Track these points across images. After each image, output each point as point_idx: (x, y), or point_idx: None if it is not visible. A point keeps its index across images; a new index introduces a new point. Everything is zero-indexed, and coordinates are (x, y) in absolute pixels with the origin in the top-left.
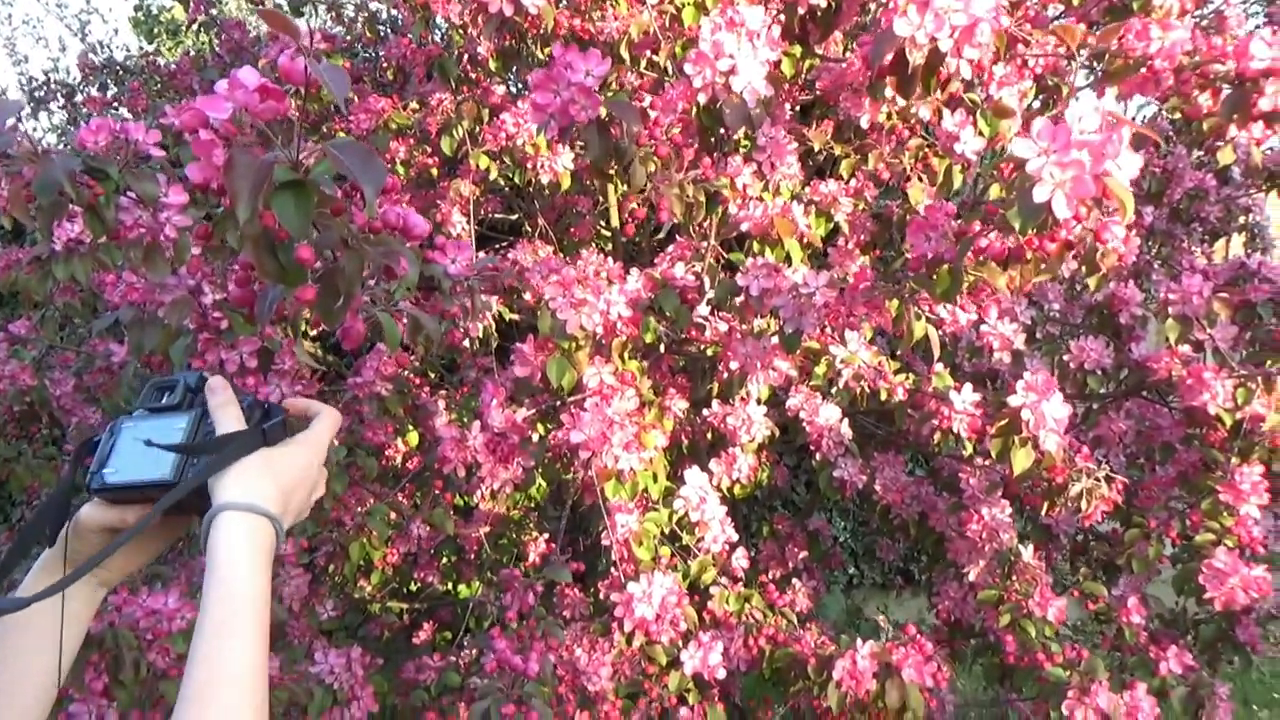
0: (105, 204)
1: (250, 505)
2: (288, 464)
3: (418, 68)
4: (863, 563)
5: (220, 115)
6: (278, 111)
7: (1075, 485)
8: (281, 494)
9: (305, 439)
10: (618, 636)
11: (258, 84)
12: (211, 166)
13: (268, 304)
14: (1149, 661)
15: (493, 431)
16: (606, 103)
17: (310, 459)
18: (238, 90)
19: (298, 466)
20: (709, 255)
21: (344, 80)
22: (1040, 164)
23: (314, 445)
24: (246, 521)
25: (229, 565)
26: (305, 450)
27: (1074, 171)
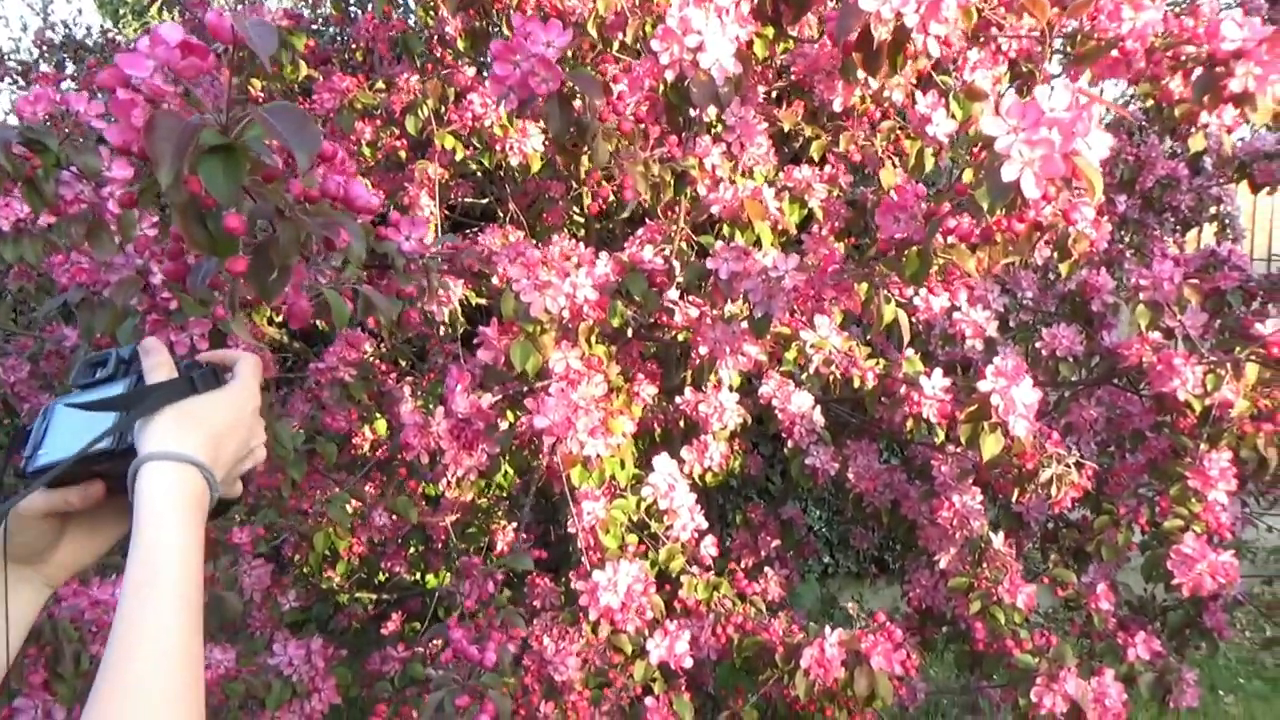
0: (44, 177)
1: (176, 454)
2: (213, 410)
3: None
4: (838, 551)
5: (140, 74)
6: (200, 69)
7: (1045, 471)
8: (211, 441)
9: (231, 385)
10: (585, 626)
11: (180, 40)
12: (131, 128)
13: (201, 277)
14: (1117, 647)
15: (457, 418)
16: (568, 75)
17: (238, 403)
18: (159, 46)
19: (226, 411)
20: (679, 238)
21: (271, 37)
22: (1009, 142)
23: (242, 390)
24: (174, 471)
25: (153, 517)
26: (232, 394)
27: (1043, 150)
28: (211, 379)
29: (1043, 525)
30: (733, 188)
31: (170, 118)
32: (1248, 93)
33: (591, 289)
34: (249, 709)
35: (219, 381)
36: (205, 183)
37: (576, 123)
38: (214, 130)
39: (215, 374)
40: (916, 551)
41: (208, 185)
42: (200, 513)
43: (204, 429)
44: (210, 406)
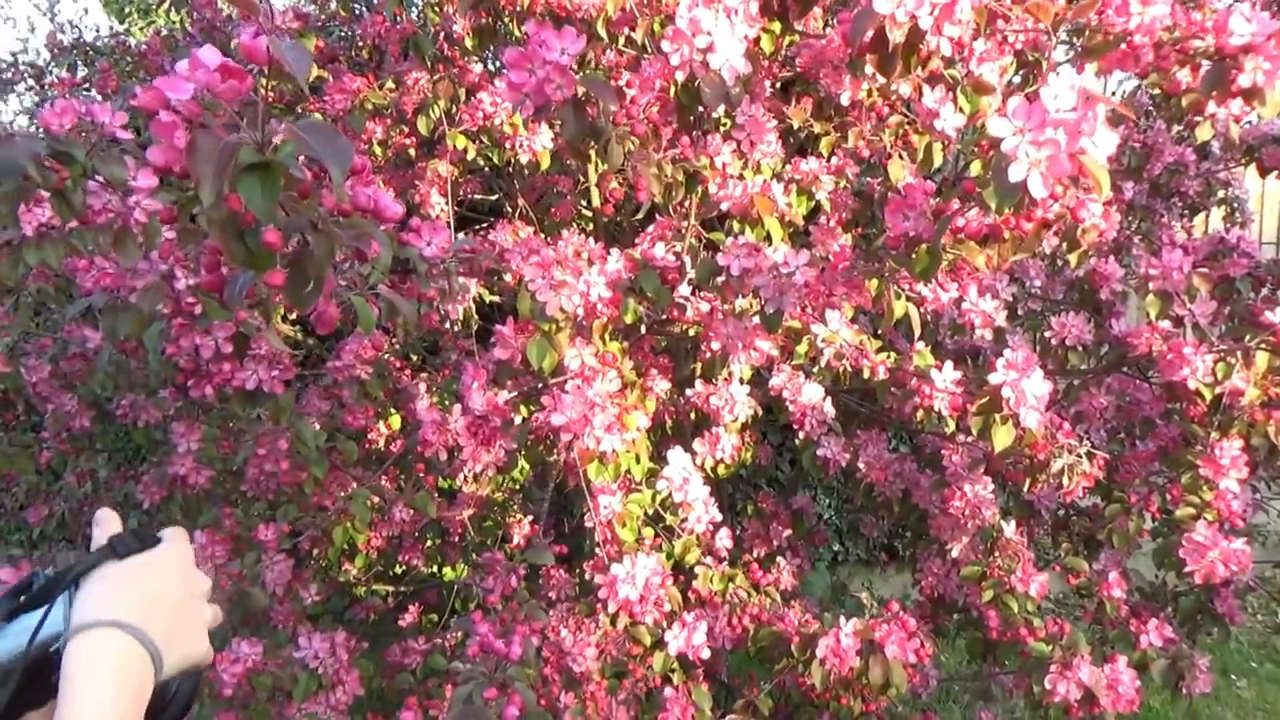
0: (72, 188)
1: (101, 620)
2: (140, 571)
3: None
4: (847, 539)
5: (181, 96)
6: (239, 91)
7: (1057, 461)
8: (141, 602)
9: (158, 546)
10: (602, 618)
11: (218, 63)
12: (174, 149)
13: (237, 289)
14: (1130, 634)
15: (474, 414)
16: (582, 81)
17: (167, 561)
18: (198, 70)
19: (155, 571)
20: (689, 235)
21: (306, 59)
22: (1016, 143)
23: (169, 548)
24: (101, 638)
25: (75, 690)
26: (159, 554)
27: (1049, 150)
28: (134, 542)
29: (1053, 513)
30: (742, 184)
31: (210, 138)
32: (1256, 87)
33: (605, 287)
34: (276, 701)
35: (144, 543)
36: (244, 200)
37: (591, 127)
38: (251, 148)
39: (139, 536)
40: (927, 540)
41: (246, 202)
42: (136, 680)
43: (131, 590)
44: (137, 568)
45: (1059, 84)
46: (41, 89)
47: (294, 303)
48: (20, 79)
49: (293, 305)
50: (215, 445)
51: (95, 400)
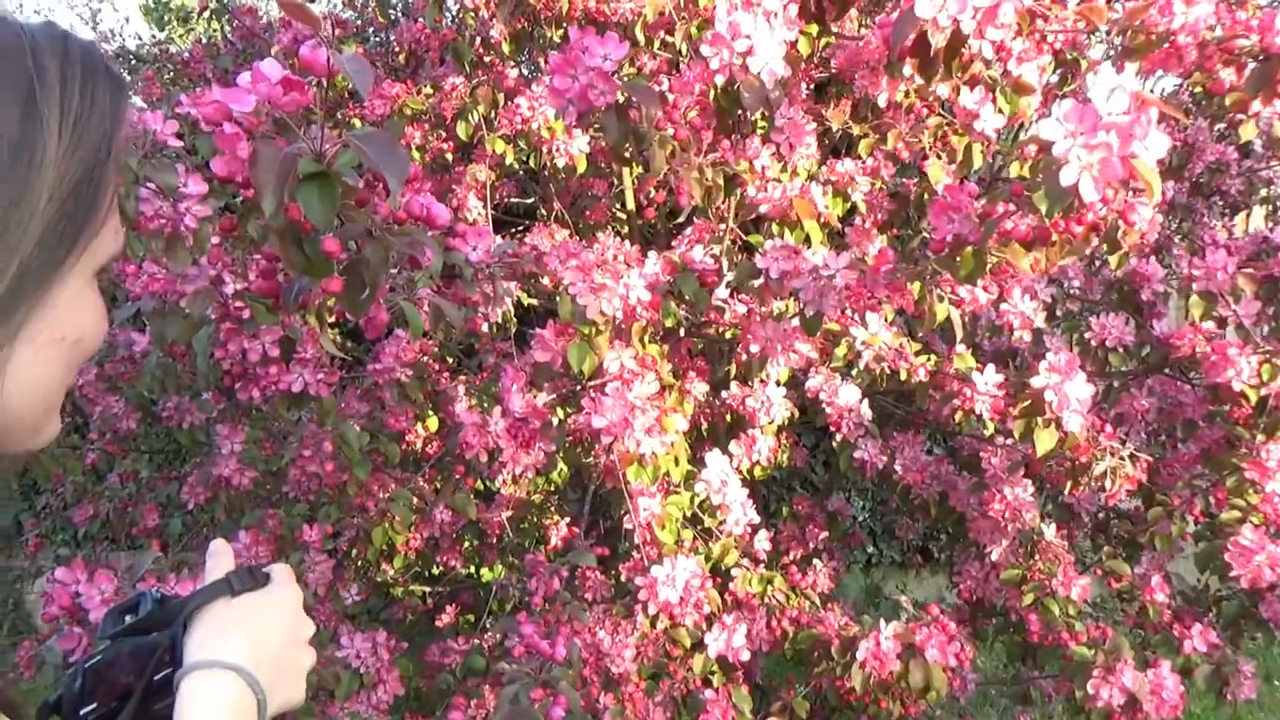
0: (125, 195)
1: (214, 661)
2: (253, 610)
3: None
4: (881, 541)
5: (244, 108)
6: (301, 104)
7: (1099, 464)
8: (251, 643)
9: (270, 585)
10: (641, 619)
11: (281, 76)
12: (237, 160)
13: (294, 295)
14: (1173, 639)
15: (514, 417)
16: (625, 87)
17: (278, 601)
18: (261, 83)
19: (267, 610)
20: (728, 238)
21: (367, 71)
22: (1067, 146)
23: (280, 588)
24: (212, 679)
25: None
26: (272, 593)
27: (1102, 153)
28: (249, 579)
29: (1093, 516)
30: (781, 186)
31: (271, 148)
32: None
33: (644, 290)
34: (319, 699)
35: (257, 581)
36: (303, 209)
37: (633, 132)
38: (310, 158)
39: (253, 574)
40: (965, 543)
41: (305, 211)
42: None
43: (243, 630)
44: (249, 607)
45: (1103, 82)
46: None
47: (349, 309)
48: None
49: (348, 311)
50: (257, 447)
51: (141, 402)
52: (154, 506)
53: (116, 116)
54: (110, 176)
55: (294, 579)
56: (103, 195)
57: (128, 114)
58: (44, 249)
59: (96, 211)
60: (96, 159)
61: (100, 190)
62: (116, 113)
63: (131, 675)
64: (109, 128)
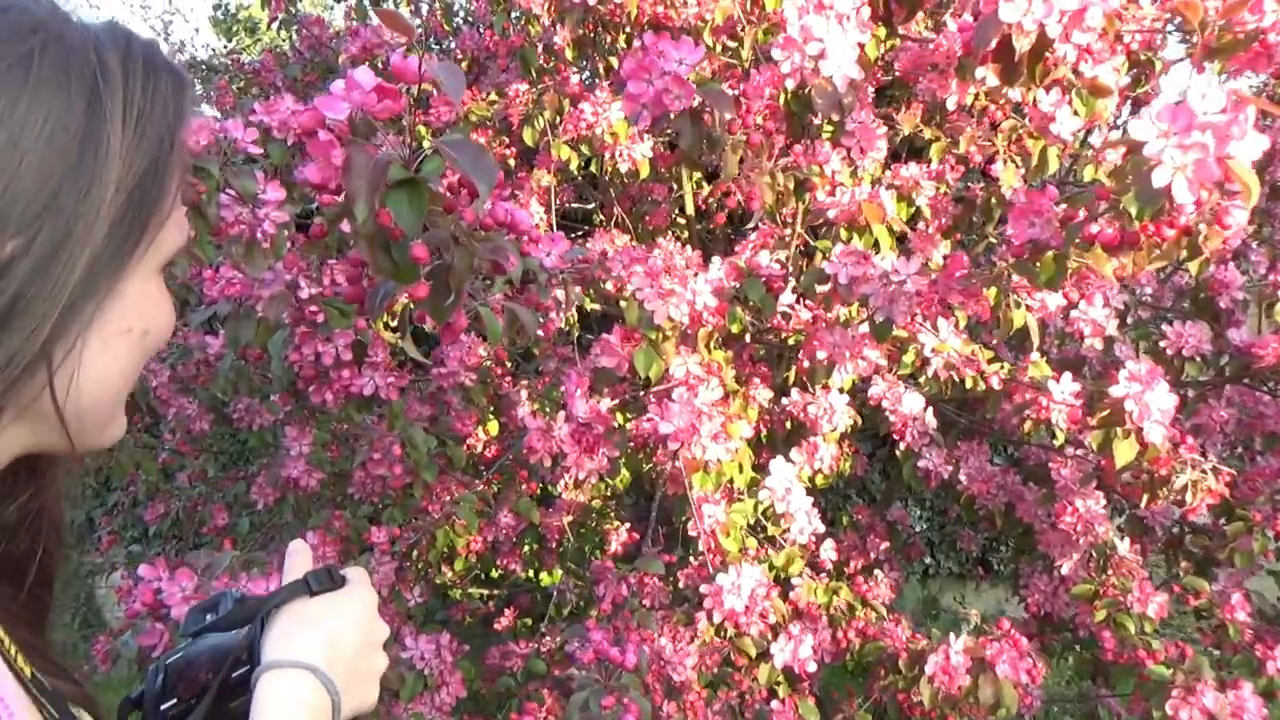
0: (208, 201)
1: (291, 660)
2: (330, 611)
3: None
4: (939, 552)
5: (338, 116)
6: (394, 111)
7: (1180, 477)
8: (328, 643)
9: (347, 586)
10: (702, 626)
11: (374, 84)
12: (330, 166)
13: (379, 300)
14: (1254, 660)
15: (578, 422)
16: (700, 90)
17: (355, 602)
18: (354, 91)
19: (344, 612)
20: (794, 243)
21: (459, 79)
22: (1160, 146)
23: (357, 589)
24: (289, 678)
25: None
26: (348, 594)
27: (1196, 154)
28: (327, 579)
29: (1167, 531)
30: (849, 191)
31: (363, 155)
32: None
33: (711, 295)
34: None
35: (334, 582)
36: (393, 215)
37: (707, 136)
38: (400, 165)
39: (331, 575)
40: (1032, 555)
41: (395, 217)
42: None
43: (320, 631)
44: (326, 608)
45: (1180, 82)
46: None
47: (434, 314)
48: None
49: (432, 317)
50: (324, 449)
51: (214, 404)
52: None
53: (179, 110)
54: (174, 169)
55: (369, 582)
56: (167, 187)
57: (190, 110)
58: (112, 241)
59: (162, 203)
60: (160, 151)
61: (165, 182)
62: (179, 107)
63: (210, 672)
64: (171, 120)
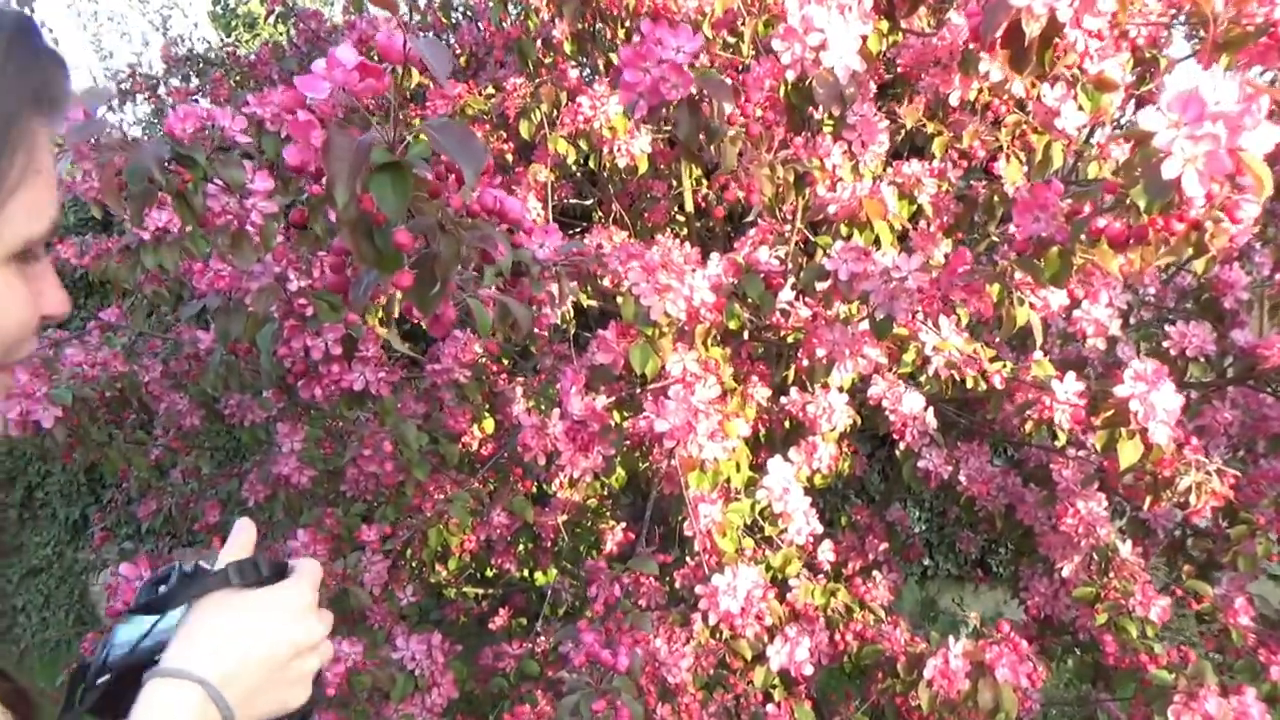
0: (194, 191)
1: (175, 670)
2: (243, 610)
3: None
4: (937, 553)
5: (319, 95)
6: (377, 90)
7: (1184, 479)
8: (228, 652)
9: (281, 584)
10: (698, 628)
11: (356, 62)
12: (309, 148)
13: (363, 290)
14: (1257, 665)
15: (573, 419)
16: (697, 80)
17: (278, 604)
18: (336, 69)
19: (258, 612)
20: (793, 239)
21: (445, 57)
22: (1170, 137)
23: (288, 590)
24: (172, 690)
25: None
26: (275, 594)
27: (1208, 145)
28: (252, 572)
29: (1169, 533)
30: (850, 187)
31: (344, 137)
32: None
33: (709, 291)
34: (373, 700)
35: (262, 575)
36: (376, 200)
37: (705, 126)
38: (383, 148)
39: (258, 566)
40: (1032, 558)
41: (378, 202)
42: None
43: (221, 637)
44: (242, 608)
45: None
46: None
47: (419, 305)
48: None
49: (417, 308)
50: (317, 446)
51: (205, 400)
52: (216, 503)
53: (35, 90)
54: (17, 150)
55: (309, 577)
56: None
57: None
58: None
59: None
60: None
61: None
62: (40, 88)
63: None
64: (23, 96)
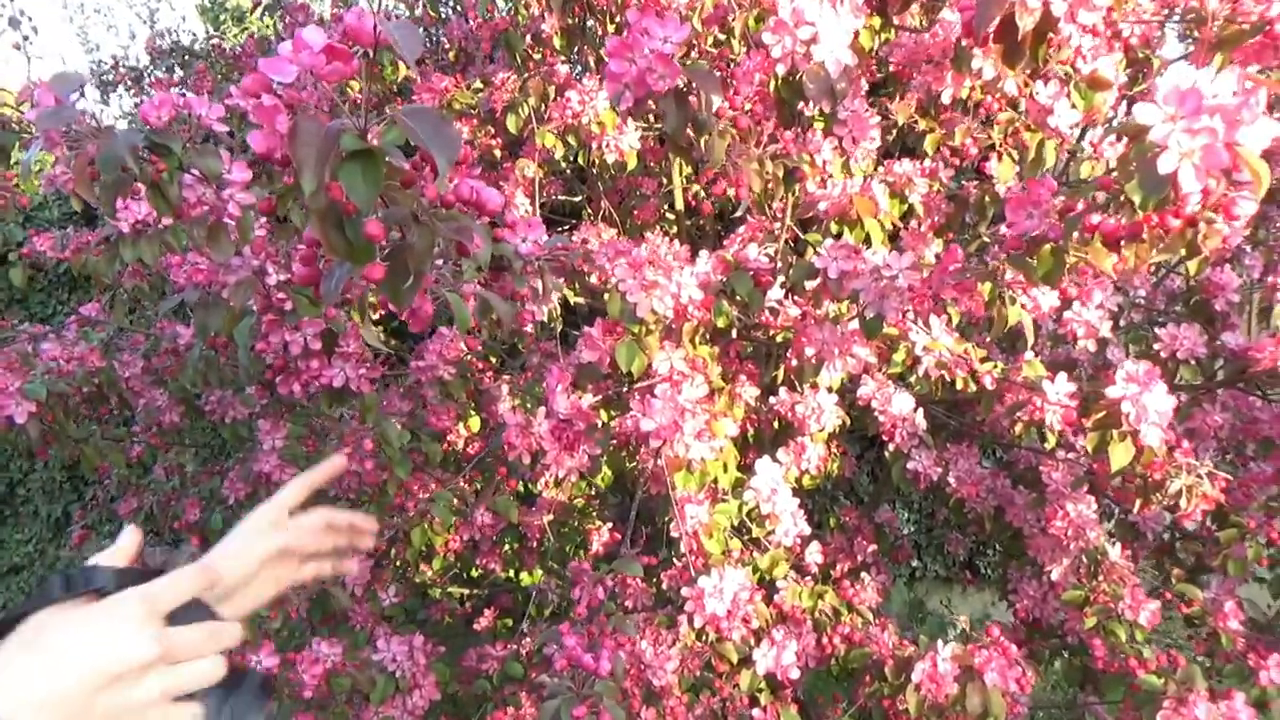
0: (169, 180)
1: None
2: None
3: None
4: (925, 555)
5: (284, 77)
6: (345, 74)
7: (1175, 482)
8: (16, 689)
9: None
10: (684, 630)
11: (324, 44)
12: (275, 134)
13: (334, 283)
14: (1246, 670)
15: (558, 418)
16: (686, 70)
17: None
18: (303, 51)
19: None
20: (783, 236)
21: (415, 39)
22: (1166, 131)
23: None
24: None
25: None
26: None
27: (1205, 139)
28: (81, 583)
29: (1157, 536)
30: (841, 184)
31: (312, 123)
32: None
33: (696, 288)
34: (353, 703)
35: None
36: (346, 189)
37: (693, 119)
38: (353, 135)
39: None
40: (1021, 560)
41: (348, 191)
42: None
43: (12, 670)
44: (48, 629)
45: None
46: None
47: (392, 298)
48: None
49: (390, 301)
50: (299, 443)
51: (185, 396)
52: (196, 501)
53: None
54: None
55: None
56: None
57: None
58: None
59: None
60: None
61: None
62: None
63: None
64: None
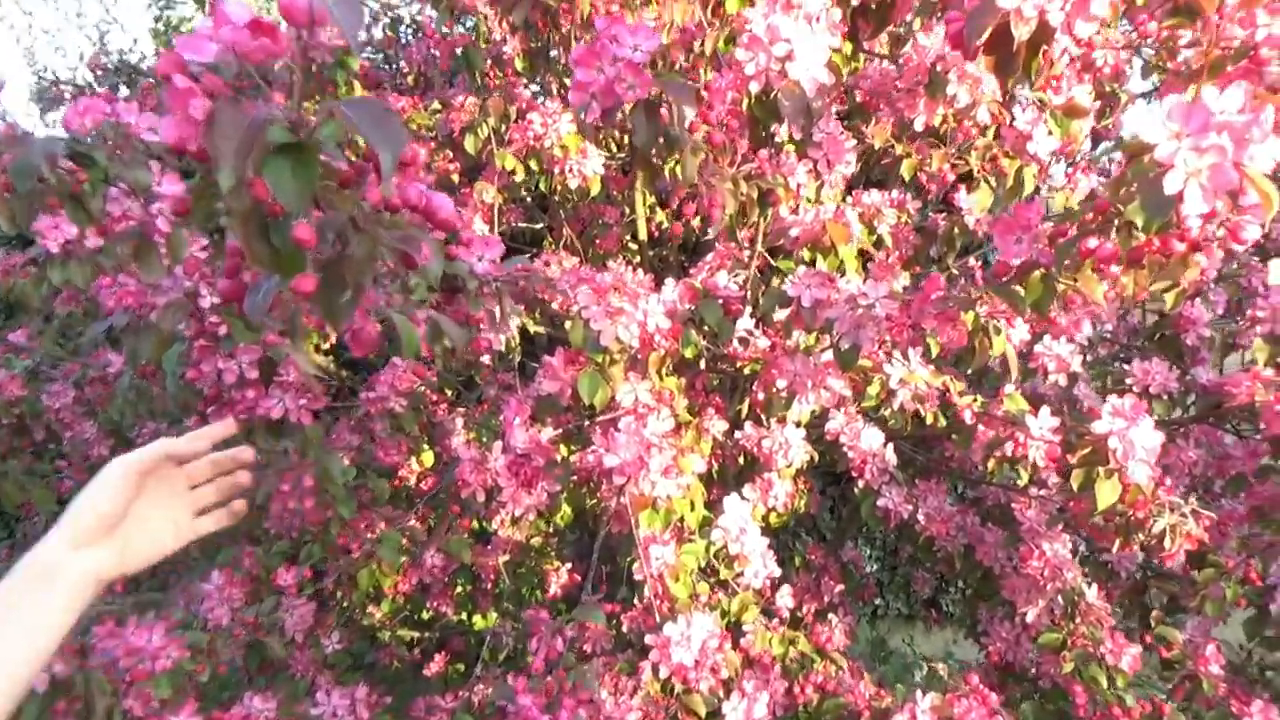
0: (90, 193)
1: None
2: None
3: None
4: (888, 593)
5: (202, 57)
6: (272, 52)
7: (1159, 521)
8: None
9: None
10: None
11: (249, 19)
12: (189, 122)
13: (260, 298)
14: (1229, 715)
15: (515, 453)
16: (658, 81)
17: None
18: (224, 27)
19: None
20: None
21: (356, 12)
22: (1172, 149)
23: None
24: None
25: None
26: None
27: (1213, 158)
28: None
29: (1130, 576)
30: (814, 210)
31: (233, 110)
32: None
33: (664, 316)
34: None
35: None
36: (271, 187)
37: (664, 134)
38: (282, 126)
39: None
40: (992, 601)
41: (274, 190)
42: None
43: None
44: None
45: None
46: None
47: (326, 315)
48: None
49: (325, 319)
50: None
51: (115, 428)
52: None
53: None
54: None
55: None
56: None
57: None
58: None
59: None
60: None
61: None
62: None
63: None
64: None
